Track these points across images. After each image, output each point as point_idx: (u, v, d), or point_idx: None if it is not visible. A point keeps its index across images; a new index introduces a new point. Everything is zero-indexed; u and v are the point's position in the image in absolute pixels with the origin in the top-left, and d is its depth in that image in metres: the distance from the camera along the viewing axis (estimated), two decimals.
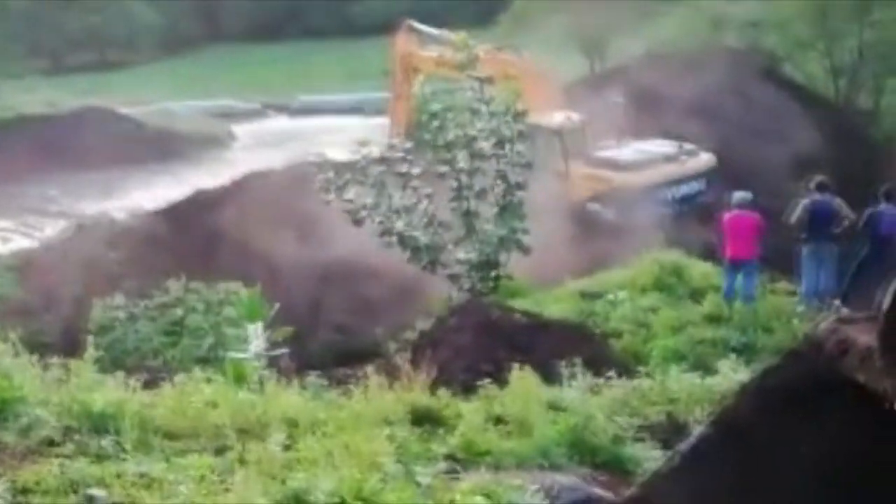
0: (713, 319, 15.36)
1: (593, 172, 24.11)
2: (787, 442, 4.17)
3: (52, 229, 27.04)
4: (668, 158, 24.54)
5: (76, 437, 7.50)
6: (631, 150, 24.86)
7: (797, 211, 16.36)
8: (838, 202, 16.46)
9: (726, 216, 16.26)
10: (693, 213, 21.30)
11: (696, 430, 7.94)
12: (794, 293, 16.63)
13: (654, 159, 24.43)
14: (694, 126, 24.88)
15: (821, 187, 16.58)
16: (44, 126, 40.25)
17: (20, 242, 28.59)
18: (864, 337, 3.61)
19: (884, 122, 29.41)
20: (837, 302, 15.04)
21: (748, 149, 23.10)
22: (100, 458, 7.12)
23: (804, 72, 32.09)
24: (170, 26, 65.57)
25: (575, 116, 24.71)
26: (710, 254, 17.57)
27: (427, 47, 28.11)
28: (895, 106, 29.72)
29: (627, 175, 23.89)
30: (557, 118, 24.62)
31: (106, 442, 7.39)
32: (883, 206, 16.08)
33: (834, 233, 16.32)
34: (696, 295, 16.35)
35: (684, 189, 24.09)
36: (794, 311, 15.72)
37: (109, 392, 8.24)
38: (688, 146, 24.70)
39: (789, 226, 16.45)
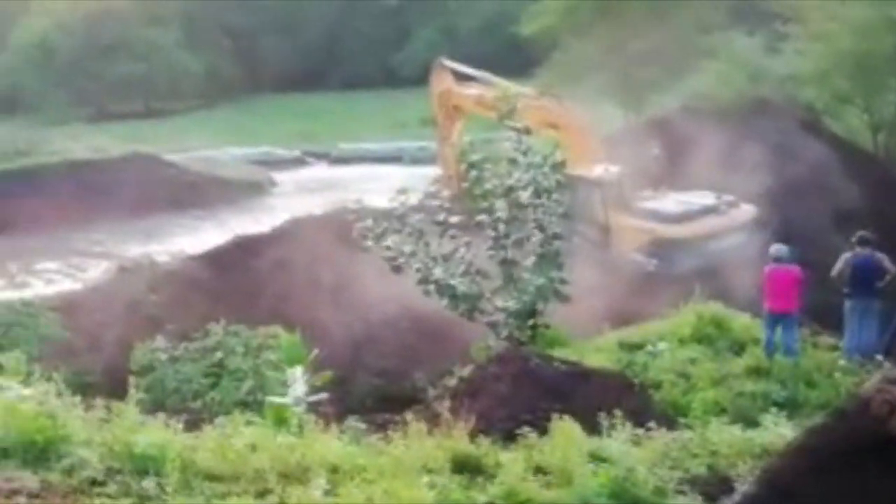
0: (754, 372, 15.19)
1: (636, 224, 24.09)
2: (833, 501, 4.09)
3: (95, 271, 27.28)
4: (710, 210, 24.49)
5: (119, 477, 7.56)
6: (671, 201, 24.84)
7: (839, 264, 16.26)
8: (880, 256, 16.33)
9: (766, 269, 16.16)
10: (734, 265, 21.15)
11: (741, 488, 7.88)
12: (836, 347, 16.45)
13: (696, 211, 24.40)
14: (732, 178, 24.82)
15: (862, 241, 16.46)
16: (90, 171, 40.89)
17: (64, 284, 28.89)
18: None
19: None
20: (880, 357, 14.86)
21: (788, 201, 23.00)
22: (142, 498, 7.21)
23: (843, 125, 32.00)
24: (212, 75, 66.49)
25: (613, 168, 24.76)
26: (750, 306, 17.43)
27: (466, 85, 28.26)
28: None
29: (671, 227, 23.86)
30: (597, 170, 24.67)
31: (148, 483, 7.46)
32: None
33: (877, 287, 16.18)
34: (737, 347, 16.22)
35: (726, 241, 23.99)
36: (836, 365, 15.54)
37: (152, 433, 8.28)
38: (728, 198, 24.64)
39: (833, 280, 16.34)
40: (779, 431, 10.23)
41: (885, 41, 28.95)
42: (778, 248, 16.32)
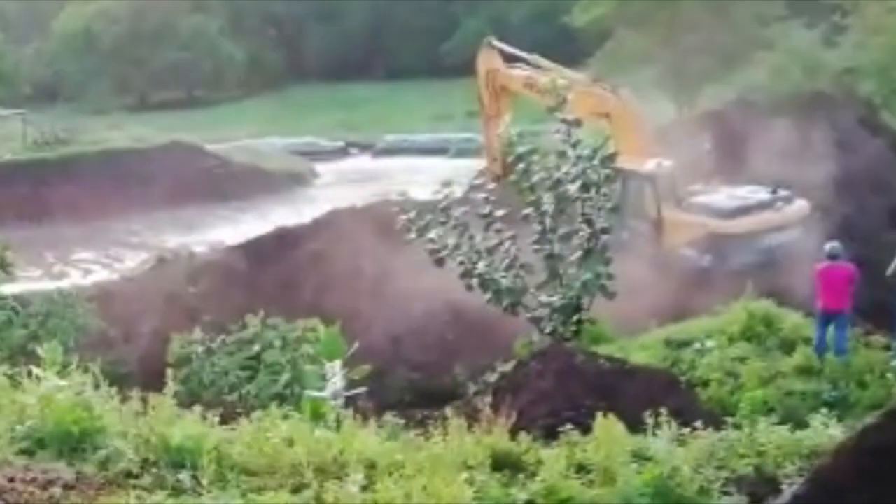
0: (804, 371, 15.08)
1: (689, 218, 23.80)
2: (887, 502, 3.89)
3: (133, 262, 27.43)
4: (765, 205, 24.15)
5: (154, 469, 7.55)
6: (724, 195, 24.51)
7: (895, 263, 15.97)
8: None
9: (819, 267, 15.92)
10: (789, 261, 20.81)
11: (789, 489, 7.68)
12: (888, 347, 16.17)
13: (750, 206, 24.08)
14: (786, 173, 24.46)
15: None
16: (131, 160, 41.15)
17: (102, 274, 29.07)
18: None
19: None
20: None
21: (844, 197, 22.62)
22: (177, 491, 7.20)
23: None
24: (256, 64, 66.75)
25: (667, 162, 24.47)
26: (803, 303, 17.15)
27: (514, 66, 28.06)
28: None
29: (725, 222, 23.57)
30: (649, 163, 24.40)
31: (183, 476, 7.43)
32: None
33: None
34: (787, 346, 16.02)
35: (781, 237, 23.64)
36: (889, 365, 15.27)
37: (187, 426, 8.25)
38: (782, 192, 24.29)
39: (889, 278, 16.04)
40: (828, 432, 10.04)
41: None
42: (833, 246, 16.06)
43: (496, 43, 28.78)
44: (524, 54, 27.99)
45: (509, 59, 28.65)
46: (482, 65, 28.86)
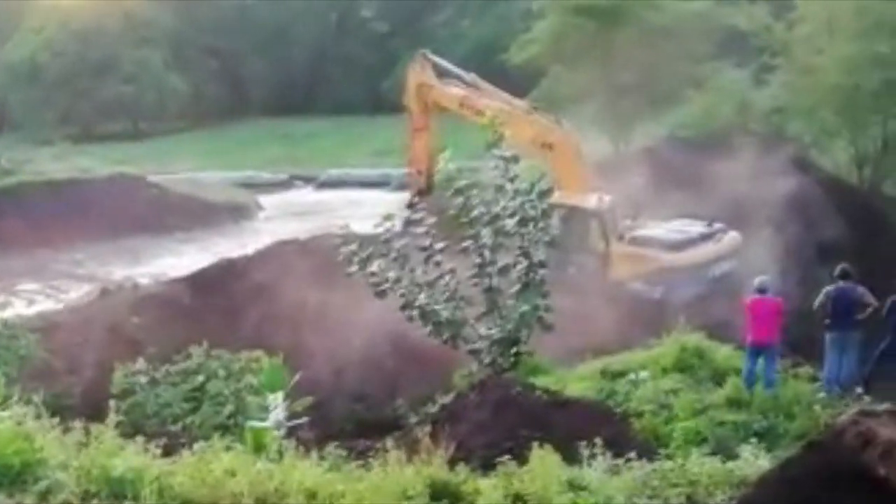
0: (734, 403, 15.24)
1: (638, 252, 24.10)
2: None
3: (77, 293, 27.18)
4: (706, 237, 24.62)
5: (95, 501, 7.59)
6: (665, 229, 24.92)
7: (821, 297, 16.42)
8: (861, 290, 16.47)
9: (749, 300, 16.26)
10: (729, 291, 21.24)
11: None
12: (816, 379, 16.54)
13: (694, 238, 24.51)
14: (715, 209, 24.98)
15: (843, 275, 16.61)
16: (75, 191, 40.76)
17: (46, 305, 28.77)
18: (886, 430, 3.60)
19: None
20: (860, 389, 14.96)
21: (772, 233, 23.15)
22: None
23: (829, 158, 32.25)
24: (200, 97, 66.63)
25: (607, 197, 24.85)
26: (732, 336, 17.53)
27: (448, 82, 27.93)
28: None
29: (674, 254, 23.95)
30: (591, 199, 24.76)
31: None
32: None
33: (857, 320, 16.31)
34: (718, 378, 16.28)
35: (721, 268, 24.14)
36: (816, 397, 15.61)
37: (130, 457, 8.29)
38: (717, 225, 24.79)
39: (816, 311, 16.46)
40: (757, 463, 10.28)
41: (871, 76, 29.25)
42: (761, 280, 16.41)
43: (431, 56, 28.60)
44: (462, 72, 27.92)
45: (442, 73, 28.50)
46: (413, 77, 28.50)
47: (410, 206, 25.82)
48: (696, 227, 24.97)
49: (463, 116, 27.02)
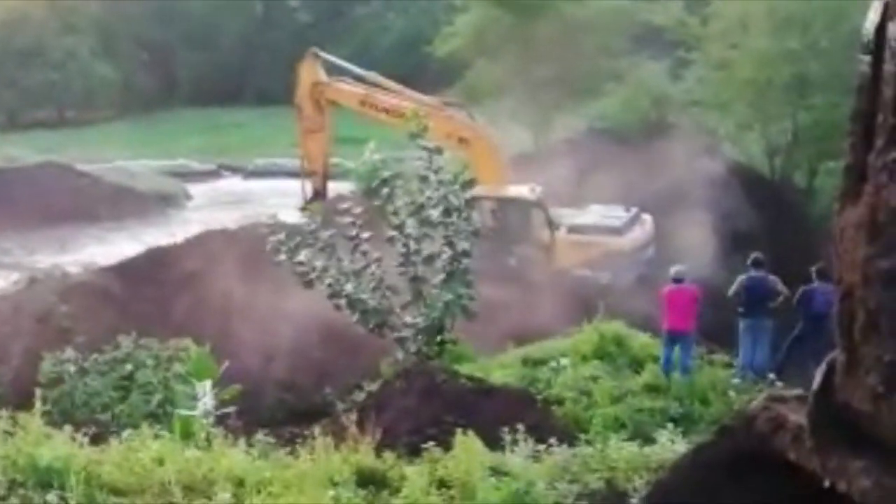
0: (652, 389, 15.55)
1: (583, 238, 24.28)
2: None
3: (4, 281, 26.78)
4: (635, 222, 24.98)
5: (21, 491, 7.58)
6: (597, 215, 25.17)
7: (735, 286, 16.88)
8: (773, 279, 16.96)
9: (665, 289, 16.64)
10: (656, 274, 21.63)
11: (636, 501, 8.16)
12: (731, 365, 16.99)
13: (628, 222, 24.84)
14: (632, 199, 25.40)
15: (756, 263, 17.08)
16: (2, 180, 40.07)
17: None
18: (795, 416, 3.85)
19: (818, 202, 30.21)
20: (772, 376, 15.44)
21: (687, 223, 23.58)
22: None
23: (743, 151, 32.96)
24: (128, 86, 65.72)
25: (537, 187, 25.10)
26: (649, 324, 17.92)
27: (340, 80, 27.42)
28: (829, 187, 30.48)
29: (618, 239, 24.22)
30: (523, 189, 24.98)
31: (51, 497, 7.49)
32: (816, 284, 16.57)
33: (769, 308, 16.79)
34: (636, 365, 16.64)
35: (650, 251, 24.58)
36: (730, 383, 16.04)
37: (57, 446, 8.30)
38: (633, 209, 25.20)
39: (731, 299, 16.93)
40: (673, 447, 10.57)
41: (782, 71, 29.98)
42: (678, 270, 16.80)
43: (322, 54, 28.04)
44: (361, 71, 27.43)
45: (339, 72, 27.98)
46: (307, 76, 27.89)
47: (303, 209, 25.88)
48: (617, 212, 25.33)
49: (364, 115, 26.65)
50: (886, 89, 3.26)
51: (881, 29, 3.29)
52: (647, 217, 25.32)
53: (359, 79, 27.77)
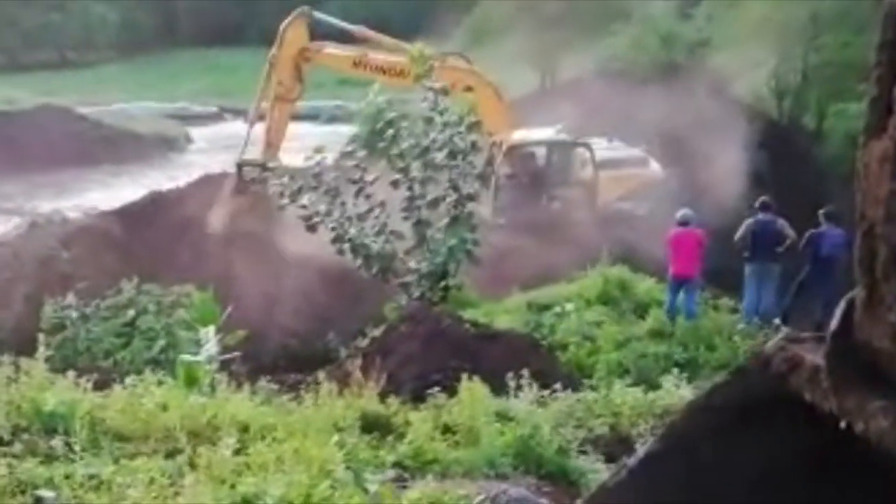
0: (656, 334, 15.64)
1: (620, 173, 24.01)
2: (734, 458, 4.29)
3: (5, 226, 26.67)
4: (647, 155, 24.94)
5: (25, 436, 7.55)
6: (610, 149, 25.01)
7: (741, 230, 16.76)
8: (781, 222, 16.84)
9: (671, 233, 16.53)
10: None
11: (643, 445, 8.15)
12: (736, 310, 16.95)
13: (643, 153, 24.77)
14: (640, 140, 25.24)
15: (764, 207, 16.96)
16: (1, 123, 39.87)
17: None
18: (811, 356, 3.76)
19: (827, 145, 30.01)
20: (778, 321, 15.40)
21: (694, 165, 23.42)
22: (49, 458, 7.17)
23: (752, 91, 32.65)
24: (128, 27, 65.19)
25: (559, 127, 24.94)
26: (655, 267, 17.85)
27: (324, 44, 25.55)
28: (838, 129, 30.26)
29: (646, 170, 24.16)
30: (548, 131, 24.82)
31: (56, 442, 7.44)
32: (824, 227, 16.46)
33: (776, 252, 16.69)
34: (640, 310, 16.64)
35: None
36: (735, 328, 16.03)
37: (60, 392, 8.28)
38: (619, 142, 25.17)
39: (736, 244, 16.82)
40: (679, 392, 10.60)
41: (792, 8, 29.61)
42: (684, 213, 16.69)
43: (318, 15, 25.64)
44: (350, 26, 25.59)
45: (317, 28, 25.82)
46: (294, 39, 25.04)
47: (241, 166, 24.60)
48: (619, 145, 25.21)
49: (358, 76, 25.39)
50: None
51: None
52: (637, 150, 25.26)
53: (346, 36, 25.89)
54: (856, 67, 26.05)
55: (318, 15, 25.59)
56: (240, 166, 24.30)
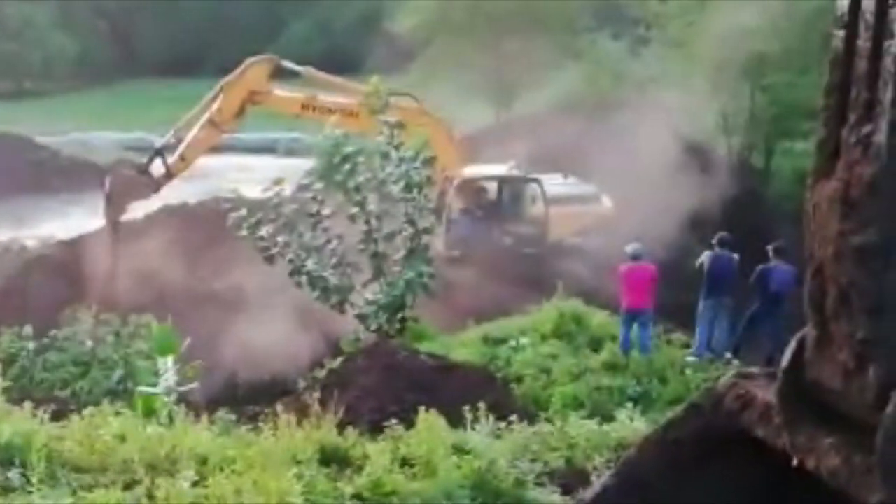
0: (611, 368, 15.71)
1: (573, 209, 24.20)
2: (687, 493, 4.40)
3: None
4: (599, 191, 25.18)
5: None
6: (565, 184, 25.24)
7: (702, 258, 17.00)
8: (735, 258, 17.10)
9: (622, 268, 16.72)
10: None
11: (599, 479, 8.24)
12: (688, 345, 17.14)
13: (594, 189, 25.00)
14: (590, 176, 25.47)
15: (721, 243, 17.20)
16: None
17: None
18: (763, 393, 3.89)
19: (774, 182, 30.54)
20: (730, 355, 15.61)
21: (644, 200, 23.66)
22: (6, 490, 7.22)
23: (701, 129, 33.09)
24: (87, 57, 64.87)
25: (512, 163, 25.15)
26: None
27: (281, 88, 25.61)
28: (785, 167, 30.89)
29: (599, 206, 24.34)
30: (501, 168, 25.04)
31: (12, 474, 7.47)
32: (773, 263, 16.69)
33: (730, 287, 16.94)
34: (595, 343, 16.77)
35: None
36: (687, 361, 16.23)
37: (17, 423, 8.26)
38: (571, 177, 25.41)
39: (698, 270, 17.03)
40: (633, 425, 10.69)
41: (739, 48, 30.13)
42: (635, 248, 16.88)
43: (287, 64, 25.68)
44: (297, 67, 25.57)
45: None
46: (251, 82, 25.13)
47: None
48: (573, 181, 25.47)
49: (307, 119, 25.28)
50: (860, 63, 3.31)
51: (855, 2, 3.33)
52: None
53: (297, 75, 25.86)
54: (802, 107, 26.58)
55: (286, 64, 25.63)
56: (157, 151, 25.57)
